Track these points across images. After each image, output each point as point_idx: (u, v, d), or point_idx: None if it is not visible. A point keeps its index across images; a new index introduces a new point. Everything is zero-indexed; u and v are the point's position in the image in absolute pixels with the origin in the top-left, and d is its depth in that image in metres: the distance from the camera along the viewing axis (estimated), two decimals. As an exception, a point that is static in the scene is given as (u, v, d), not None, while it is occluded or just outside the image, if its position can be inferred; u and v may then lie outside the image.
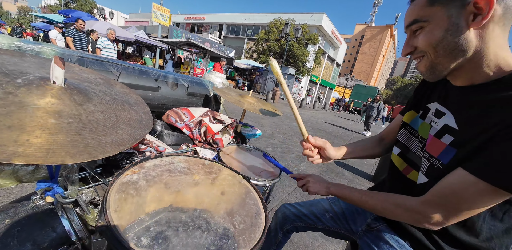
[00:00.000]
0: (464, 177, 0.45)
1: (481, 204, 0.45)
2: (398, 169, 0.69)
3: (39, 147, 0.37)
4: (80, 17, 8.95)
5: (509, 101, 0.44)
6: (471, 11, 0.43)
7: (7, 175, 0.47)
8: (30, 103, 0.43)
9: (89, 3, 29.69)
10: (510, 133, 0.41)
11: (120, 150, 0.46)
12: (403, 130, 0.71)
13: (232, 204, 0.64)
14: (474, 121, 0.48)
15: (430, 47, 0.49)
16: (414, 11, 0.50)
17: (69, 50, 0.76)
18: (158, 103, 0.98)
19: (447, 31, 0.46)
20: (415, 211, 0.52)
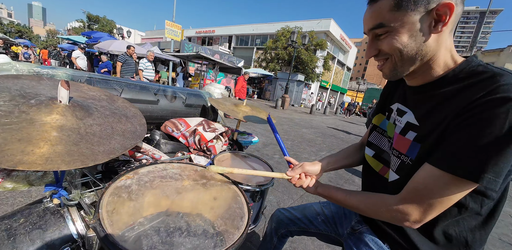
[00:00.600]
0: (430, 171, 0.47)
1: (451, 196, 0.46)
2: (374, 170, 0.71)
3: (40, 156, 0.46)
4: (101, 37, 9.79)
5: (455, 93, 0.48)
6: (433, 17, 0.46)
7: (21, 180, 0.56)
8: (39, 119, 0.52)
9: (109, 24, 32.23)
10: (460, 123, 0.44)
11: (110, 158, 0.53)
12: (375, 132, 0.74)
13: (222, 208, 0.69)
14: (430, 116, 0.52)
15: (396, 51, 0.51)
16: (379, 15, 0.50)
17: (79, 71, 0.87)
18: (157, 115, 1.07)
19: (412, 37, 0.48)
20: (394, 209, 0.53)
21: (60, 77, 0.80)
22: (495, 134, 0.40)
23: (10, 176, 0.55)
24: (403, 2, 0.46)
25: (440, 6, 0.45)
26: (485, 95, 0.42)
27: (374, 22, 0.51)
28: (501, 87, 0.41)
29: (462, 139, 0.43)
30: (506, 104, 0.39)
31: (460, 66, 0.50)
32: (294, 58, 12.36)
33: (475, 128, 0.42)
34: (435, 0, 0.45)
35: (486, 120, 0.41)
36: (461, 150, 0.43)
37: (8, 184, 0.55)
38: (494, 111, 0.40)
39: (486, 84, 0.43)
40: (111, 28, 31.64)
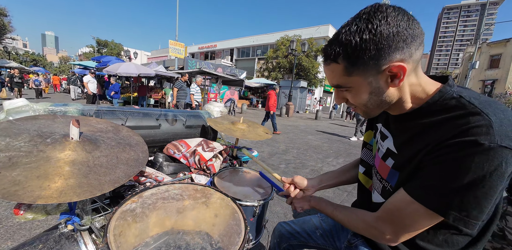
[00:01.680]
0: (404, 197, 0.49)
1: (421, 223, 0.48)
2: (365, 187, 0.74)
3: (56, 190, 0.53)
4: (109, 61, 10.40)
5: (429, 128, 0.49)
6: (387, 75, 0.48)
7: (39, 210, 0.64)
8: (54, 156, 0.60)
9: (117, 47, 34.16)
10: (433, 159, 0.45)
11: (114, 186, 0.60)
12: (365, 149, 0.77)
13: (222, 224, 0.74)
14: (406, 146, 0.54)
15: (360, 105, 0.55)
16: (334, 78, 0.52)
17: (87, 105, 0.97)
18: (160, 138, 1.15)
19: (371, 93, 0.51)
20: (372, 226, 0.56)
21: (72, 113, 0.90)
22: (461, 177, 0.41)
23: (30, 208, 0.63)
24: (352, 69, 0.48)
25: (392, 67, 0.46)
26: (456, 136, 0.42)
27: (332, 82, 0.54)
28: (472, 130, 0.41)
29: (434, 176, 0.44)
30: (473, 148, 0.40)
31: (433, 98, 0.50)
32: (295, 66, 12.57)
33: (445, 168, 0.43)
34: (385, 63, 0.45)
35: (455, 162, 0.42)
36: (432, 185, 0.45)
37: (29, 215, 0.62)
38: (462, 154, 0.41)
39: (458, 124, 0.43)
40: (119, 51, 33.51)
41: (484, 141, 0.39)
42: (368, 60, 0.45)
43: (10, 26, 21.53)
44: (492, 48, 22.20)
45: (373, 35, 0.43)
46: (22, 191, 0.50)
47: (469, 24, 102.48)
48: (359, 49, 0.45)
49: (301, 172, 3.24)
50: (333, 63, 0.50)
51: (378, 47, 0.44)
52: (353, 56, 0.46)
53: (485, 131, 0.40)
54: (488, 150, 0.39)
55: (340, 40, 0.46)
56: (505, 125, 0.41)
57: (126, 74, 8.33)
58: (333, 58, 0.49)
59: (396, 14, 0.44)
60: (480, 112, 0.43)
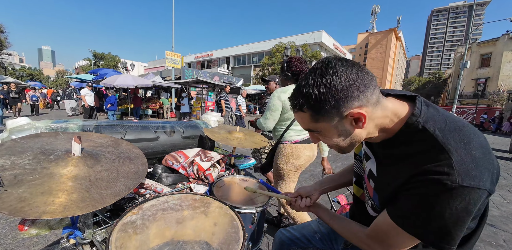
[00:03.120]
0: (387, 220, 0.52)
1: (405, 243, 0.51)
2: (356, 196, 0.77)
3: (60, 205, 0.56)
4: (106, 73, 10.53)
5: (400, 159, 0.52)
6: (351, 119, 0.51)
7: (43, 225, 0.66)
8: (57, 173, 0.63)
9: (113, 59, 34.50)
10: (407, 192, 0.48)
11: (116, 199, 0.63)
12: (355, 160, 0.80)
13: (221, 233, 0.76)
14: (383, 174, 0.58)
15: (333, 146, 0.59)
16: (304, 123, 0.56)
17: (87, 121, 1.01)
18: (158, 150, 1.18)
19: (340, 136, 0.54)
20: (364, 243, 0.59)
21: (72, 129, 0.94)
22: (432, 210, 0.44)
23: (34, 223, 0.65)
24: (317, 116, 0.52)
25: (352, 114, 0.49)
26: (420, 174, 0.45)
27: (303, 127, 0.58)
28: (433, 169, 0.44)
29: (409, 207, 0.48)
30: (438, 187, 0.43)
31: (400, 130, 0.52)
32: (290, 72, 12.76)
33: (417, 202, 0.46)
34: (345, 110, 0.49)
35: (424, 198, 0.45)
36: (409, 215, 0.48)
37: (33, 230, 0.64)
38: (429, 191, 0.44)
39: (423, 161, 0.46)
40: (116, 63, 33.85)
41: (446, 181, 0.42)
42: (329, 109, 0.49)
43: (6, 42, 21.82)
44: (482, 47, 22.77)
45: (329, 89, 0.48)
46: (28, 207, 0.53)
47: (458, 25, 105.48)
48: (319, 100, 0.49)
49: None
50: (300, 111, 0.54)
51: (336, 98, 0.48)
52: (315, 106, 0.50)
53: (447, 171, 0.42)
54: (451, 189, 0.42)
55: (302, 93, 0.51)
56: (465, 163, 0.43)
57: (124, 86, 8.42)
58: (299, 107, 0.53)
59: (345, 69, 0.48)
60: (442, 148, 0.44)
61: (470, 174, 0.42)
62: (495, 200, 3.03)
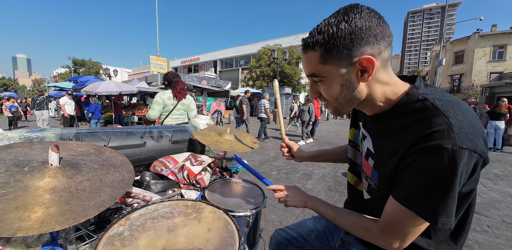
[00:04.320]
0: (397, 207, 0.50)
1: (420, 226, 0.49)
2: (351, 184, 0.77)
3: (36, 220, 0.51)
4: (87, 80, 10.11)
5: (398, 130, 0.51)
6: (358, 69, 0.50)
7: (19, 244, 0.60)
8: (33, 185, 0.58)
9: (95, 66, 33.29)
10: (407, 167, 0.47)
11: (100, 210, 0.59)
12: (350, 147, 0.80)
13: (216, 239, 0.72)
14: (382, 148, 0.57)
15: (332, 98, 0.56)
16: (311, 65, 0.54)
17: (66, 129, 0.95)
18: (146, 156, 1.13)
19: (343, 86, 0.53)
20: (379, 238, 0.56)
21: (49, 138, 0.88)
22: (437, 183, 0.44)
23: (9, 242, 0.60)
24: (327, 56, 0.50)
25: (362, 59, 0.49)
26: (421, 141, 0.45)
27: (308, 71, 0.56)
28: (434, 135, 0.43)
29: (413, 183, 0.47)
30: (438, 152, 0.42)
31: (401, 100, 0.53)
32: (278, 73, 12.92)
33: (419, 175, 0.45)
34: (356, 55, 0.48)
35: (425, 168, 0.44)
36: (415, 193, 0.47)
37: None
38: (429, 160, 0.44)
39: (422, 128, 0.46)
40: (97, 70, 32.65)
41: (447, 145, 0.42)
42: (342, 49, 0.48)
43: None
44: (455, 45, 24.20)
45: (349, 25, 0.47)
46: (0, 224, 0.48)
47: (433, 25, 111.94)
48: (335, 37, 0.48)
49: (293, 177, 3.26)
50: (311, 50, 0.52)
51: (352, 37, 0.47)
52: (329, 44, 0.49)
53: (447, 134, 0.43)
54: (452, 152, 0.42)
55: (319, 30, 0.50)
56: (464, 127, 0.44)
57: (106, 92, 8.12)
58: (311, 45, 0.51)
59: (369, 11, 0.49)
60: (442, 114, 0.45)
61: (469, 137, 0.43)
62: (478, 188, 3.19)
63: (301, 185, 3.02)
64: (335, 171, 3.69)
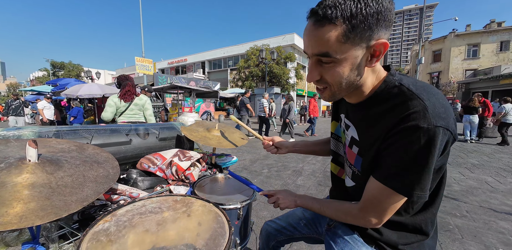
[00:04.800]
0: (376, 186, 0.54)
1: (397, 203, 0.53)
2: (334, 173, 0.80)
3: (15, 215, 0.49)
4: (68, 83, 9.66)
5: (379, 116, 0.54)
6: (369, 53, 0.49)
7: None
8: (10, 181, 0.56)
9: (75, 68, 31.76)
10: (387, 147, 0.50)
11: (83, 205, 0.57)
12: (332, 139, 0.83)
13: (207, 232, 0.72)
14: (365, 134, 0.59)
15: (337, 83, 0.53)
16: (326, 43, 0.47)
17: (45, 127, 0.92)
18: (132, 154, 1.11)
19: (352, 70, 0.51)
20: (358, 218, 0.60)
21: (27, 136, 0.84)
22: (413, 158, 0.46)
23: None
24: (351, 34, 0.45)
25: (378, 44, 0.47)
26: (400, 123, 0.47)
27: (320, 49, 0.49)
28: (411, 116, 0.46)
29: (392, 161, 0.50)
30: (415, 132, 0.45)
31: (380, 87, 0.55)
32: (267, 73, 12.99)
33: (399, 154, 0.48)
34: (375, 37, 0.47)
35: (403, 147, 0.47)
36: (393, 170, 0.50)
37: None
38: (407, 139, 0.46)
39: (400, 111, 0.48)
40: (78, 72, 31.19)
41: (423, 125, 0.45)
42: (367, 28, 0.45)
43: None
44: (433, 45, 25.46)
45: (377, 4, 0.44)
46: (-27, 221, 0.46)
47: (412, 25, 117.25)
48: (363, 13, 0.43)
49: (284, 174, 3.29)
50: (330, 24, 0.45)
51: (378, 17, 0.44)
52: (356, 19, 0.44)
53: (423, 114, 0.45)
54: (427, 130, 0.45)
55: (342, 2, 0.44)
56: (437, 107, 0.47)
57: (89, 95, 7.80)
58: (332, 17, 0.44)
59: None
60: (417, 97, 0.48)
61: (441, 116, 0.46)
62: (455, 177, 3.38)
63: (292, 181, 3.06)
64: (324, 166, 3.77)
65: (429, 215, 0.61)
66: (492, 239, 1.80)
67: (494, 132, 7.11)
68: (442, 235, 1.87)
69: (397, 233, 0.62)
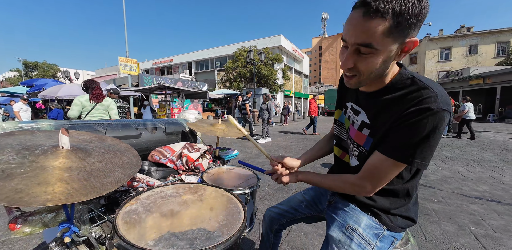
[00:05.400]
0: (379, 157, 0.62)
1: (393, 173, 0.63)
2: (337, 156, 0.91)
3: (61, 193, 0.55)
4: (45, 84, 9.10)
5: (394, 101, 0.61)
6: (401, 48, 0.54)
7: (37, 223, 0.61)
8: (49, 165, 0.61)
9: (51, 68, 29.73)
10: (398, 125, 0.58)
11: (118, 185, 0.64)
12: (336, 125, 0.93)
13: (219, 212, 0.80)
14: (378, 117, 0.68)
15: (369, 72, 0.58)
16: (372, 35, 0.50)
17: (61, 121, 0.95)
18: (142, 147, 1.16)
19: (384, 62, 0.56)
20: (355, 184, 0.69)
21: (45, 128, 0.88)
22: (420, 134, 0.55)
23: (27, 221, 0.61)
24: (394, 30, 0.49)
25: (410, 41, 0.53)
26: (414, 105, 0.55)
27: (364, 40, 0.52)
28: (424, 100, 0.54)
29: (400, 137, 0.58)
30: (427, 112, 0.54)
31: (396, 78, 0.63)
32: (255, 74, 13.12)
33: (408, 130, 0.56)
34: (411, 35, 0.52)
35: (414, 124, 0.55)
36: (400, 144, 0.58)
37: (26, 229, 0.60)
38: (419, 117, 0.54)
39: (414, 97, 0.56)
40: (53, 73, 29.26)
41: (434, 107, 0.53)
42: (408, 27, 0.49)
43: None
44: (409, 48, 27.10)
45: (421, 5, 0.48)
46: (27, 197, 0.51)
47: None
48: (409, 12, 0.47)
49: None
50: (379, 18, 0.48)
51: (418, 17, 0.48)
52: (403, 17, 0.47)
53: (433, 100, 0.54)
54: (436, 112, 0.53)
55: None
56: (443, 95, 0.56)
57: (69, 96, 7.38)
58: (384, 11, 0.47)
59: None
60: (428, 87, 0.57)
61: (447, 102, 0.56)
62: (432, 168, 3.70)
63: (285, 176, 3.19)
64: (315, 162, 3.94)
65: (415, 182, 0.73)
66: (465, 220, 2.04)
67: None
68: (421, 218, 2.08)
69: (389, 199, 0.73)
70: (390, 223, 0.73)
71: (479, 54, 22.98)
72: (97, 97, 2.77)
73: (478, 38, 22.83)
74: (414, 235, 1.79)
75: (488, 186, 2.90)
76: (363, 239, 0.72)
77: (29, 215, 0.61)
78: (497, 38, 22.20)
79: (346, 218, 0.78)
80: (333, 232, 0.77)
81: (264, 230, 1.15)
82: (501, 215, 2.13)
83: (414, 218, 0.75)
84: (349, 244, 0.72)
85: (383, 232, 0.73)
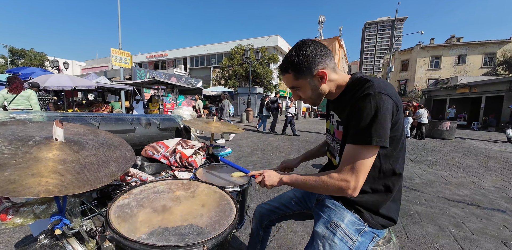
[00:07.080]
0: (348, 147, 0.71)
1: (366, 159, 0.68)
2: (329, 158, 0.96)
3: (55, 185, 0.55)
4: (33, 72, 8.73)
5: (349, 98, 0.76)
6: (318, 77, 0.77)
7: (28, 214, 0.61)
8: (43, 157, 0.60)
9: (38, 57, 28.42)
10: (350, 113, 0.72)
11: (112, 179, 0.64)
12: (327, 134, 1.01)
13: (211, 208, 0.81)
14: (343, 113, 0.79)
15: (308, 98, 0.84)
16: (289, 81, 0.82)
17: (52, 112, 0.93)
18: (135, 142, 1.15)
19: (312, 90, 0.81)
20: (338, 180, 0.71)
21: (37, 119, 0.86)
22: (369, 115, 0.66)
23: (18, 212, 0.60)
24: (298, 75, 0.78)
25: (318, 73, 0.76)
26: (359, 95, 0.70)
27: (289, 85, 0.83)
28: (366, 89, 0.69)
29: (356, 123, 0.69)
30: (368, 97, 0.67)
31: (348, 82, 0.81)
32: (250, 73, 13.11)
33: (359, 114, 0.68)
34: (314, 69, 0.76)
35: (361, 108, 0.68)
36: (357, 130, 0.68)
37: (18, 220, 0.59)
38: (363, 102, 0.68)
39: (360, 89, 0.72)
40: (41, 61, 28.01)
41: (371, 91, 0.68)
42: (305, 70, 0.76)
43: None
44: (402, 55, 27.84)
45: (304, 57, 0.74)
46: (21, 188, 0.51)
47: (385, 36, 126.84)
48: (299, 64, 0.75)
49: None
50: (287, 73, 0.80)
51: (309, 62, 0.75)
52: (297, 68, 0.76)
53: (371, 87, 0.69)
54: (375, 95, 0.67)
55: (288, 60, 0.78)
56: (380, 85, 0.70)
57: (58, 87, 7.10)
58: (286, 70, 0.80)
59: (314, 44, 0.75)
60: (369, 80, 0.73)
61: (382, 87, 0.69)
62: (417, 172, 3.84)
63: (276, 176, 3.23)
64: (306, 163, 4.01)
65: (396, 178, 0.79)
66: (445, 222, 2.14)
67: (451, 133, 8.51)
68: (405, 219, 2.16)
69: (372, 196, 0.78)
70: (371, 220, 0.78)
71: (467, 64, 23.90)
72: (16, 89, 3.72)
73: (467, 49, 23.73)
74: (397, 235, 1.87)
75: (469, 190, 3.05)
76: (346, 234, 0.76)
77: (20, 206, 0.60)
78: (485, 50, 23.16)
79: (331, 215, 0.82)
80: (319, 228, 0.81)
81: (254, 225, 1.18)
82: (480, 219, 2.25)
83: (394, 218, 0.80)
84: (332, 239, 0.76)
85: (364, 228, 0.77)
